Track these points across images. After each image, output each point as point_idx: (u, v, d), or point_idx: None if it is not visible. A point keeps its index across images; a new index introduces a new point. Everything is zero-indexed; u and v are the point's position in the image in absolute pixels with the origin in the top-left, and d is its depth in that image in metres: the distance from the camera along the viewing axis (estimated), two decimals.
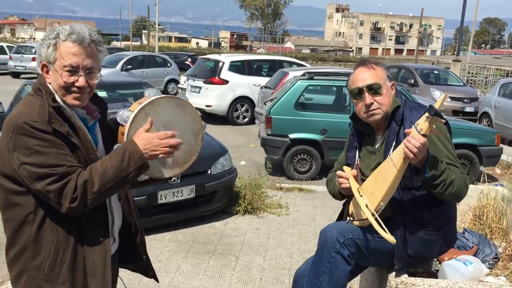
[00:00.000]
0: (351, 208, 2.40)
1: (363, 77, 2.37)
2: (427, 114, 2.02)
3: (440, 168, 2.13)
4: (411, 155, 2.04)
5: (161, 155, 1.88)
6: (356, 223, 2.31)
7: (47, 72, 1.89)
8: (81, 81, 1.86)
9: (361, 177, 2.45)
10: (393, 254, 2.34)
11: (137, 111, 1.91)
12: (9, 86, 17.03)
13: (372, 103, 2.34)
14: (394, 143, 2.31)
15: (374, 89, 2.34)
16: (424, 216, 2.34)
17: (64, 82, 1.85)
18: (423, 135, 2.03)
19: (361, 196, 2.25)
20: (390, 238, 2.13)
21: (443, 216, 2.40)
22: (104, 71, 15.80)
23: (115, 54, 19.97)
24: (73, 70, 1.85)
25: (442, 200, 2.29)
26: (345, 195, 2.51)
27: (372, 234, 2.30)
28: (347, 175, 2.37)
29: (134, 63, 18.21)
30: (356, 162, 2.50)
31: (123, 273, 2.43)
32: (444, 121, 2.15)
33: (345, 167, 2.45)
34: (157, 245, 4.75)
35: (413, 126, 2.08)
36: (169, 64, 19.37)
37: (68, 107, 1.89)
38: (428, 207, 2.34)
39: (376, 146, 2.46)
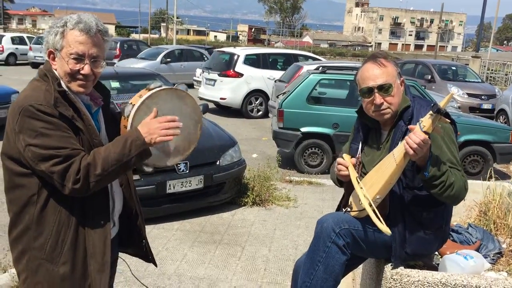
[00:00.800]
0: (350, 198, 2.42)
1: (373, 75, 2.30)
2: (430, 111, 2.01)
3: (441, 169, 2.12)
4: (411, 151, 2.03)
5: (159, 138, 1.91)
6: (353, 213, 2.33)
7: (53, 59, 1.95)
8: (86, 69, 1.92)
9: (363, 171, 2.46)
10: (388, 246, 2.35)
11: (139, 105, 1.97)
12: (29, 76, 17.29)
13: (382, 103, 2.30)
14: (400, 142, 2.27)
15: (385, 89, 2.29)
16: (424, 216, 2.35)
17: (70, 69, 1.91)
18: (426, 133, 2.01)
19: (360, 187, 2.27)
20: (385, 229, 2.15)
21: (442, 216, 2.41)
22: (144, 63, 16.07)
23: (155, 47, 20.98)
24: (79, 58, 1.91)
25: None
26: (343, 182, 2.52)
27: (368, 225, 2.32)
28: (346, 163, 2.37)
29: (173, 56, 18.84)
30: (358, 155, 2.50)
31: (130, 260, 2.49)
32: (449, 121, 2.13)
33: (345, 155, 2.45)
34: (164, 234, 4.82)
35: (417, 123, 2.07)
36: (205, 58, 19.81)
37: (73, 93, 1.95)
38: (429, 207, 2.35)
39: (382, 142, 2.44)
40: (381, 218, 2.18)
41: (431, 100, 2.58)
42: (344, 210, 2.40)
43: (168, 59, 18.40)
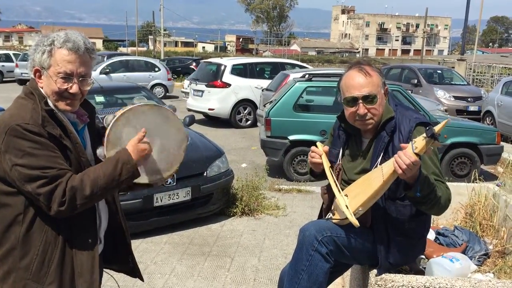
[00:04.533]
0: (333, 206, 2.42)
1: (359, 84, 2.27)
2: (424, 134, 1.98)
3: (430, 188, 2.12)
4: (400, 171, 2.02)
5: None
6: (335, 221, 2.33)
7: (39, 77, 1.93)
8: (74, 88, 1.91)
9: (344, 178, 2.46)
10: (371, 252, 2.36)
11: (118, 116, 1.97)
12: (16, 93, 17.03)
13: (366, 114, 2.29)
14: (382, 153, 2.29)
15: (369, 99, 2.27)
16: (407, 226, 2.36)
17: (58, 88, 1.89)
18: (417, 154, 1.98)
19: (334, 180, 2.29)
20: (354, 221, 2.15)
21: (424, 225, 2.44)
22: None
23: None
24: (67, 77, 1.89)
25: None
26: (316, 173, 2.53)
27: (350, 232, 2.31)
28: (320, 151, 2.37)
29: (115, 67, 18.60)
30: (338, 162, 2.50)
31: (118, 275, 2.46)
32: (440, 145, 2.13)
33: (318, 143, 2.44)
34: (153, 248, 4.78)
35: (410, 142, 2.03)
36: (156, 69, 19.50)
37: (60, 111, 1.93)
38: (411, 217, 2.36)
39: (362, 150, 2.44)
40: (352, 213, 2.19)
41: (413, 109, 2.58)
42: (326, 217, 2.40)
43: (108, 70, 18.19)
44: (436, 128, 1.95)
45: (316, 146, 2.43)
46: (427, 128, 1.99)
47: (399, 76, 15.77)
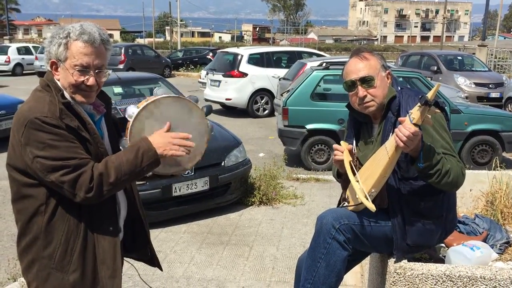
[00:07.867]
0: (347, 192, 2.41)
1: (356, 68, 2.34)
2: (419, 104, 2.00)
3: (435, 158, 2.11)
4: (401, 144, 2.03)
5: (171, 152, 1.94)
6: (350, 208, 2.32)
7: (56, 69, 1.95)
8: (91, 80, 1.92)
9: (359, 167, 2.45)
10: (390, 239, 2.34)
11: (141, 108, 1.98)
12: (35, 85, 17.40)
13: (365, 96, 2.32)
14: (391, 133, 2.28)
15: (367, 82, 2.31)
16: (422, 206, 2.34)
17: (75, 81, 1.91)
18: (416, 125, 2.00)
19: (352, 172, 2.27)
20: (371, 206, 2.15)
21: (442, 204, 2.39)
22: None
23: None
24: (84, 69, 1.90)
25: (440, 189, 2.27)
26: (342, 176, 2.51)
27: (368, 219, 2.30)
28: (342, 148, 2.38)
29: None
30: (354, 151, 2.50)
31: (138, 264, 2.50)
32: (439, 111, 2.13)
33: (342, 142, 2.47)
34: (172, 237, 4.84)
35: (407, 115, 2.06)
36: None
37: (76, 103, 1.95)
38: (426, 197, 2.33)
39: (374, 135, 2.45)
40: (368, 198, 2.19)
41: (419, 91, 2.56)
42: (341, 204, 2.39)
43: None
44: (429, 95, 1.97)
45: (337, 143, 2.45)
46: (420, 96, 2.02)
47: (419, 63, 15.54)
